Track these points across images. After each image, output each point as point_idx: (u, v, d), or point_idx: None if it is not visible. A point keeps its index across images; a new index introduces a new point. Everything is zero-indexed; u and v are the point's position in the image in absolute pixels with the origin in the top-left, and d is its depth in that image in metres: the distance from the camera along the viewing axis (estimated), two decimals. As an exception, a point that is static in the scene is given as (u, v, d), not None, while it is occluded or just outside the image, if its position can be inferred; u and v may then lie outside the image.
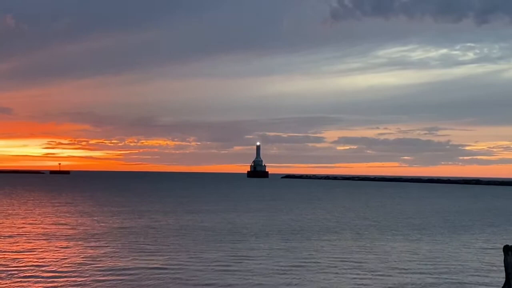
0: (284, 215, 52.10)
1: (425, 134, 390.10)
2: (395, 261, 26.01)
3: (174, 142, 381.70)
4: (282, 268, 23.81)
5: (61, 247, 28.85)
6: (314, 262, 25.33)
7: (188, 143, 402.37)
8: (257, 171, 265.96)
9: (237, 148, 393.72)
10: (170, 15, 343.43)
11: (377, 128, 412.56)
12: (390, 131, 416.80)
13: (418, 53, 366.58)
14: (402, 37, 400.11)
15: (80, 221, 42.86)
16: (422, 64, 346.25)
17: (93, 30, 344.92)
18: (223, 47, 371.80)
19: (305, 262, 25.27)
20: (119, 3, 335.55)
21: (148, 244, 30.23)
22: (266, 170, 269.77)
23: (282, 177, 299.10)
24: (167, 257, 26.15)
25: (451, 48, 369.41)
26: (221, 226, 40.79)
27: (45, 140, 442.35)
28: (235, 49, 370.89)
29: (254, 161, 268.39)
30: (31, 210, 53.16)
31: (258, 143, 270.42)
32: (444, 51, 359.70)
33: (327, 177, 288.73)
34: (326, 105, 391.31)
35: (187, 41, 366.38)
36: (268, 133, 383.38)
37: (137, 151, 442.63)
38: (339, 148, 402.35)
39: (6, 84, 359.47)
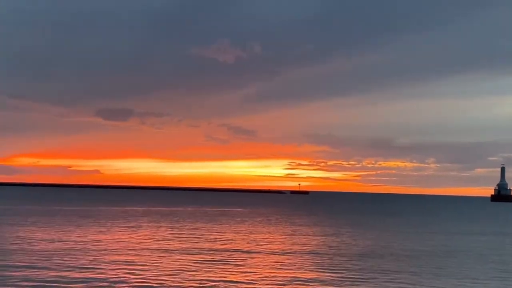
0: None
1: None
2: None
3: (412, 164, 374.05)
4: None
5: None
6: None
7: (427, 165, 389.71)
8: (502, 195, 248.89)
9: (479, 170, 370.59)
10: (408, 35, 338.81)
11: None
12: None
13: None
14: None
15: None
16: None
17: (331, 54, 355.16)
18: (465, 66, 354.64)
19: None
20: (357, 26, 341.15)
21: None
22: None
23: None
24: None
25: None
26: None
27: (286, 161, 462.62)
28: (477, 67, 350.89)
29: (498, 185, 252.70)
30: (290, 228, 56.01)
31: (502, 165, 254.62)
32: None
33: None
34: None
35: (425, 60, 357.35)
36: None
37: (374, 173, 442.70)
38: None
39: (251, 107, 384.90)
